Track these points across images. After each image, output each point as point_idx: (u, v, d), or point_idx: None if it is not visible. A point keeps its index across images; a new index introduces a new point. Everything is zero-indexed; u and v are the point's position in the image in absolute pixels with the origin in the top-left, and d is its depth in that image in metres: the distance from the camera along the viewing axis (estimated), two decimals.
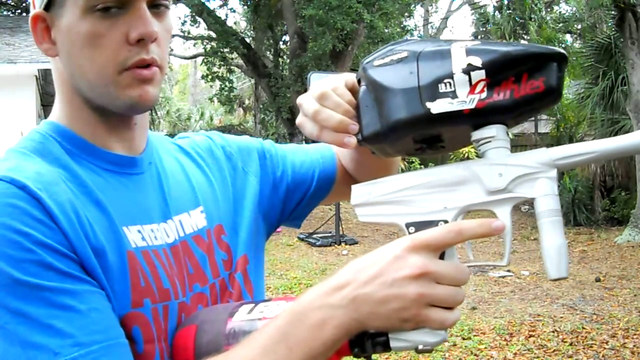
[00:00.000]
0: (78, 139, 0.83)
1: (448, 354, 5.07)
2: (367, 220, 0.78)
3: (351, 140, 0.79)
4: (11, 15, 15.29)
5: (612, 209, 12.18)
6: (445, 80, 0.71)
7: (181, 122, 28.41)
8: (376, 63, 0.76)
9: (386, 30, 14.70)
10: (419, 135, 0.77)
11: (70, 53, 0.80)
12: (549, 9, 21.18)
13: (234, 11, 19.83)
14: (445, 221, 0.73)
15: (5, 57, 10.11)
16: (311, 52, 13.58)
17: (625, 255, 9.17)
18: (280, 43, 18.58)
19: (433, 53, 0.73)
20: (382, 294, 0.67)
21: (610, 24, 13.26)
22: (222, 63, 17.25)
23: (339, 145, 0.80)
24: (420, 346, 0.69)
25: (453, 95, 0.71)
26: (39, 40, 0.82)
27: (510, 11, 18.67)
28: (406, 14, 18.58)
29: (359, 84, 0.81)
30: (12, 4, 16.57)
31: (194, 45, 23.65)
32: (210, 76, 17.40)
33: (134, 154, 0.86)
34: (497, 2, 19.59)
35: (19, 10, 15.78)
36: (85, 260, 0.73)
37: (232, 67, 18.78)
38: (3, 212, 0.69)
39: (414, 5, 19.30)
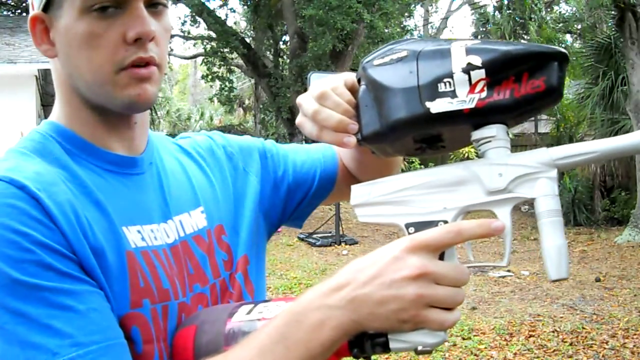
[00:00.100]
0: (78, 139, 0.82)
1: (448, 354, 5.07)
2: (367, 221, 0.78)
3: (351, 140, 0.79)
4: (11, 15, 15.27)
5: (612, 209, 12.17)
6: (445, 80, 0.71)
7: (181, 122, 28.40)
8: (376, 62, 0.76)
9: (386, 30, 14.68)
10: (418, 135, 0.77)
11: (68, 53, 0.80)
12: (549, 9, 21.16)
13: (234, 11, 19.83)
14: (445, 221, 0.73)
15: (5, 57, 10.12)
16: (311, 52, 13.56)
17: (625, 255, 9.16)
18: (280, 43, 18.56)
19: (433, 52, 0.73)
20: (381, 295, 0.66)
21: (610, 24, 13.25)
22: (222, 63, 17.23)
23: (338, 145, 0.80)
24: (420, 347, 0.69)
25: (453, 94, 0.71)
26: (38, 42, 0.82)
27: (510, 11, 18.64)
28: (406, 14, 18.57)
29: (358, 84, 0.80)
30: (12, 4, 16.56)
31: (194, 45, 23.63)
32: (210, 76, 17.38)
33: (134, 154, 0.86)
34: (497, 2, 19.58)
35: (19, 10, 15.77)
36: (84, 261, 0.72)
37: (232, 67, 18.77)
38: (2, 212, 0.69)
39: (414, 5, 19.30)
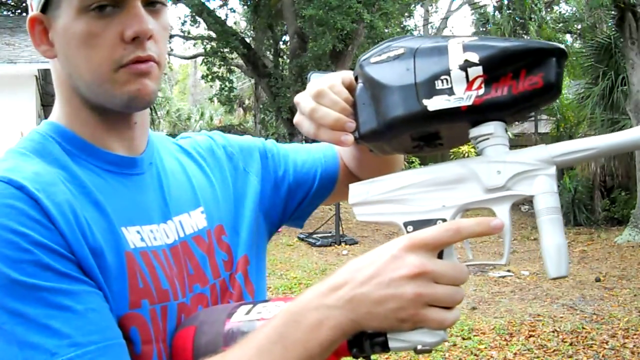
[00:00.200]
0: (78, 139, 0.82)
1: (448, 354, 5.06)
2: (365, 220, 0.77)
3: (348, 138, 0.78)
4: (11, 15, 15.27)
5: (612, 209, 12.16)
6: (442, 77, 0.71)
7: (181, 122, 28.41)
8: (373, 60, 0.76)
9: (386, 30, 14.66)
10: (416, 132, 0.77)
11: (67, 54, 0.80)
12: (549, 9, 21.15)
13: (234, 11, 19.87)
14: (444, 220, 0.72)
15: (5, 57, 10.11)
16: (311, 52, 13.56)
17: (625, 255, 9.16)
18: (280, 43, 18.57)
19: (430, 49, 0.72)
20: (379, 294, 0.66)
21: (610, 24, 13.24)
22: (222, 63, 17.23)
23: (336, 143, 0.80)
24: (419, 346, 0.68)
25: (450, 92, 0.70)
26: (37, 43, 0.82)
27: (510, 11, 18.62)
28: (406, 14, 18.59)
29: (356, 81, 0.80)
30: (12, 4, 16.55)
31: (194, 45, 23.64)
32: (210, 76, 17.39)
33: (134, 154, 0.86)
34: (497, 2, 19.56)
35: (19, 10, 15.76)
36: (83, 261, 0.72)
37: (232, 67, 18.77)
38: (1, 213, 0.69)
39: (414, 5, 19.32)
